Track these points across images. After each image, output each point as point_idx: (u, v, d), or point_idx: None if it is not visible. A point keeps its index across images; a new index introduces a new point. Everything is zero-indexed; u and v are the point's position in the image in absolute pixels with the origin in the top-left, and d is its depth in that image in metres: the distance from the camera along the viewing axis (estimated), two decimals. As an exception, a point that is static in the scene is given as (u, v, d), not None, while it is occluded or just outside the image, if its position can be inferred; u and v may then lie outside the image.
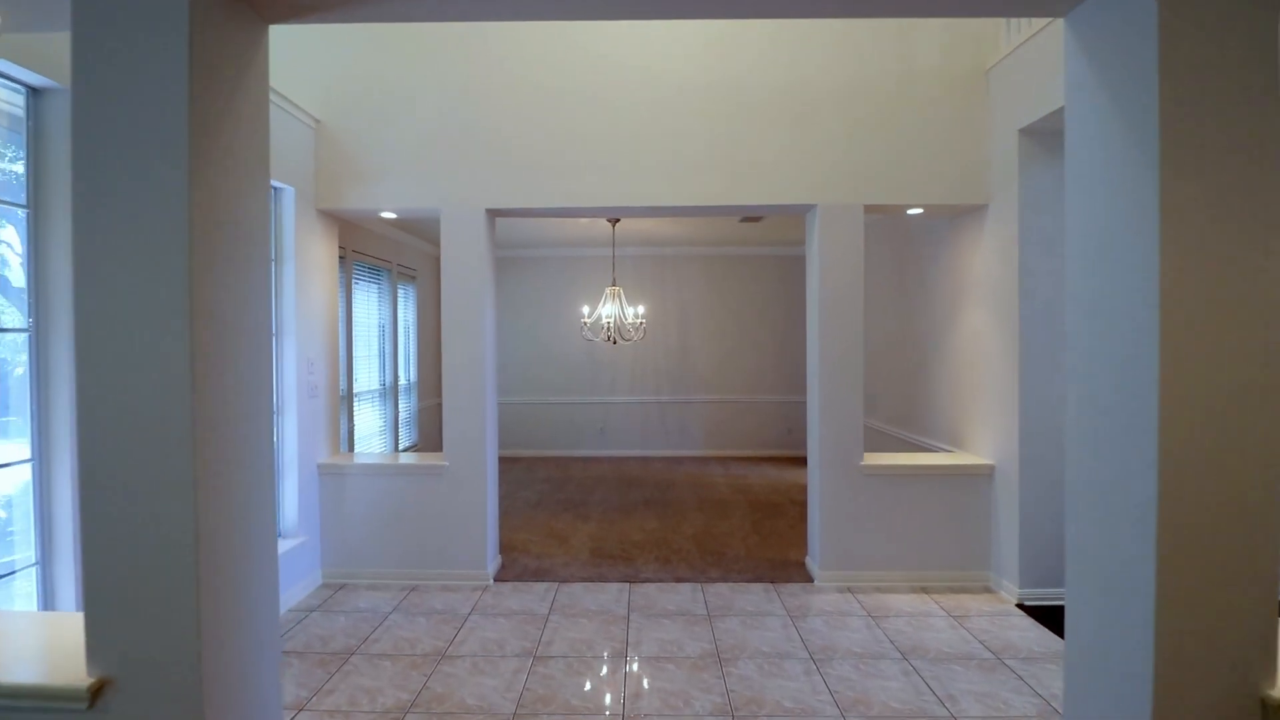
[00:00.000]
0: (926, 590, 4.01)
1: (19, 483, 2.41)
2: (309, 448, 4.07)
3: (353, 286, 5.95)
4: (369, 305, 6.42)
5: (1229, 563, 1.46)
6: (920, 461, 4.19)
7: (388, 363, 6.85)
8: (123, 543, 1.50)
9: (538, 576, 4.26)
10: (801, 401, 8.61)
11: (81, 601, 1.92)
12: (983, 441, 4.19)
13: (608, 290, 6.78)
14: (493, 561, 4.29)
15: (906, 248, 5.48)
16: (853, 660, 3.14)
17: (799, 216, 6.57)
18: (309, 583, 4.04)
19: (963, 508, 4.10)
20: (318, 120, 4.10)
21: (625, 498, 6.43)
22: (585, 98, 4.09)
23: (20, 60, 2.26)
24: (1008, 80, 3.82)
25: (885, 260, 5.85)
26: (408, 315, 7.46)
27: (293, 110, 3.86)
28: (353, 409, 5.88)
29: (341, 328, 5.70)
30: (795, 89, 4.06)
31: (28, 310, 2.41)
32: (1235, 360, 1.45)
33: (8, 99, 2.38)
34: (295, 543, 3.89)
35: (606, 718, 2.69)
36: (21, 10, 1.79)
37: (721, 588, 4.07)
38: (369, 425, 6.37)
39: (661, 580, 4.19)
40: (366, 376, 6.33)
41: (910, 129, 4.05)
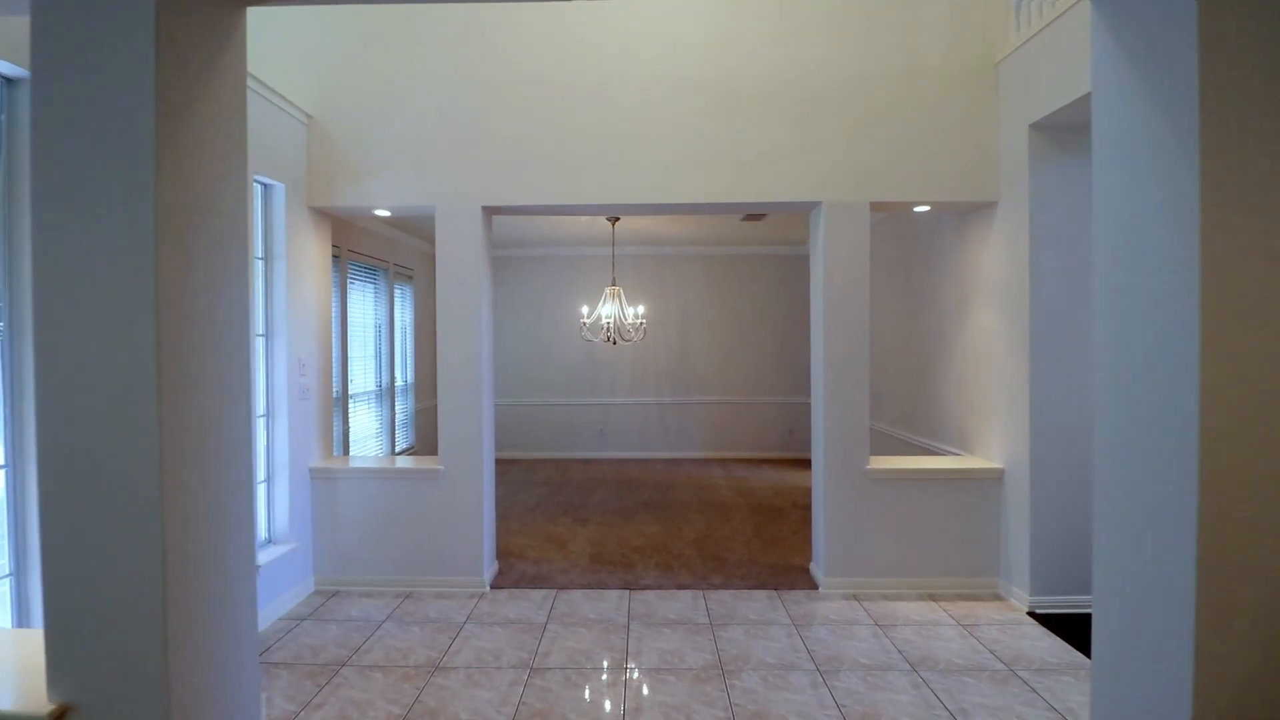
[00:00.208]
0: (934, 598, 3.90)
1: (-8, 490, 2.31)
2: (301, 451, 3.96)
3: (348, 286, 5.85)
4: (365, 305, 6.31)
5: (1273, 568, 1.36)
6: (928, 465, 4.09)
7: (384, 364, 6.74)
8: (84, 557, 1.40)
9: (535, 583, 4.15)
10: (803, 403, 8.51)
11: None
12: (991, 444, 4.09)
13: (607, 290, 6.68)
14: (489, 568, 4.18)
15: (911, 246, 5.38)
16: (860, 672, 3.04)
17: (801, 215, 6.48)
18: (301, 590, 3.94)
19: (971, 513, 3.99)
20: (310, 116, 4.00)
21: (625, 500, 6.32)
22: (584, 92, 3.99)
23: (-9, 48, 2.16)
24: (1018, 73, 3.72)
25: (889, 259, 5.75)
26: (405, 315, 7.36)
27: (284, 105, 3.76)
28: (348, 411, 5.77)
29: (336, 328, 5.61)
30: (799, 82, 3.96)
31: None
32: (1281, 360, 1.35)
33: (-21, 89, 2.28)
34: (286, 549, 3.79)
35: (605, 733, 2.59)
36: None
37: (724, 595, 3.97)
38: (365, 427, 6.26)
39: (662, 587, 4.09)
40: (362, 378, 6.23)
41: (917, 124, 3.95)
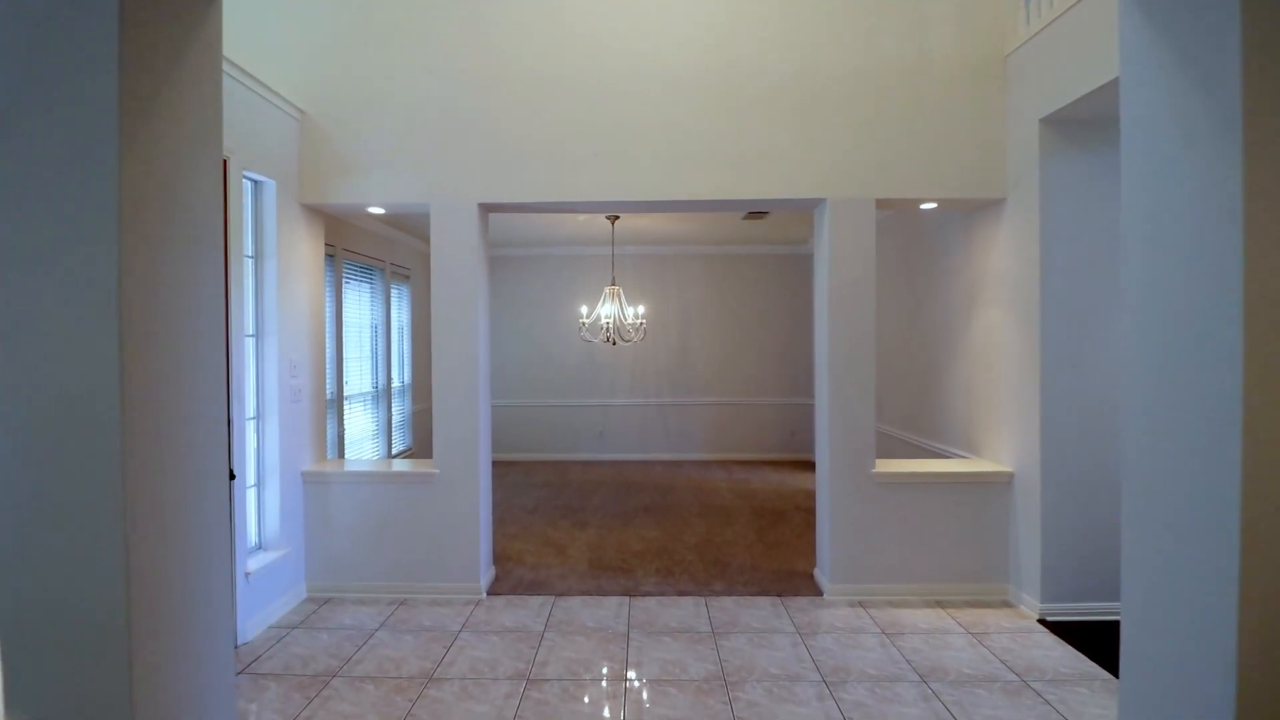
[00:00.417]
0: (942, 604, 3.80)
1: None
2: (292, 454, 3.86)
3: (343, 286, 5.75)
4: (360, 305, 6.21)
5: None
6: (936, 469, 3.99)
7: (380, 365, 6.64)
8: (43, 570, 1.30)
9: (533, 589, 4.05)
10: (805, 404, 8.41)
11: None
12: (1000, 447, 3.99)
13: (607, 290, 6.58)
14: (486, 573, 4.08)
15: (916, 244, 5.28)
16: (868, 683, 2.94)
17: (804, 213, 6.38)
18: (292, 597, 3.84)
19: (980, 517, 3.89)
20: (302, 111, 3.91)
21: (625, 503, 6.22)
22: (583, 86, 3.90)
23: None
24: (1028, 66, 3.63)
25: (892, 257, 5.65)
26: (401, 316, 7.26)
27: (274, 100, 3.66)
28: (342, 413, 5.67)
29: (331, 328, 5.51)
30: (802, 76, 3.86)
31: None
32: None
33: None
34: (277, 555, 3.69)
35: (604, 749, 2.49)
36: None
37: (726, 601, 3.87)
38: (361, 429, 6.16)
39: (663, 594, 3.99)
40: (358, 379, 6.13)
41: (924, 118, 3.85)
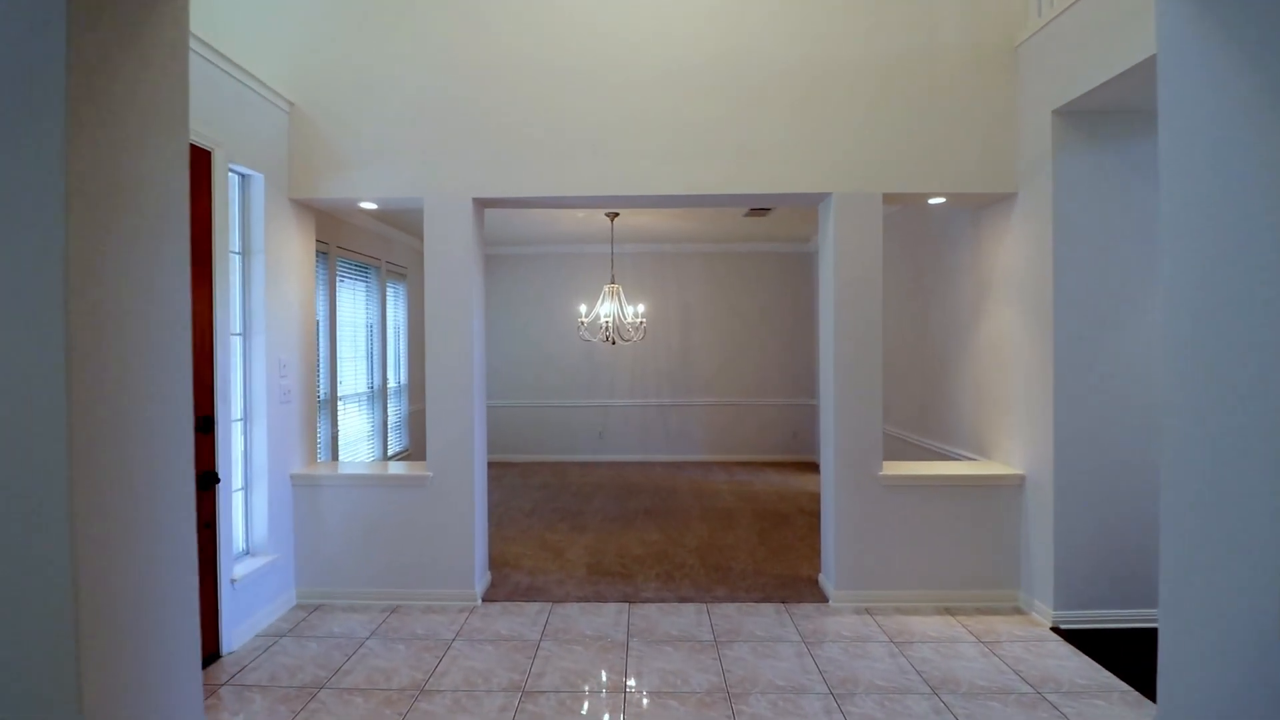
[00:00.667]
0: (951, 611, 3.69)
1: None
2: (281, 457, 3.75)
3: (337, 284, 5.64)
4: (355, 304, 6.10)
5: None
6: (946, 471, 3.87)
7: (376, 364, 6.53)
8: (-15, 594, 1.19)
9: (530, 596, 3.94)
10: (807, 404, 8.30)
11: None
12: (1011, 449, 3.87)
13: (606, 288, 6.47)
14: (481, 579, 3.97)
15: (923, 241, 5.16)
16: (877, 696, 2.82)
17: (806, 211, 6.27)
18: (282, 603, 3.72)
19: (990, 521, 3.78)
20: (291, 103, 3.79)
21: (625, 506, 6.11)
22: (581, 76, 3.78)
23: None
24: (1040, 56, 3.51)
25: (898, 254, 5.54)
26: (398, 315, 7.15)
27: (262, 91, 3.54)
28: (336, 414, 5.56)
29: (325, 328, 5.40)
30: (807, 67, 3.75)
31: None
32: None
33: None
34: (265, 561, 3.57)
35: (602, 767, 2.37)
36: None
37: (729, 608, 3.75)
38: (356, 430, 6.05)
39: (664, 600, 3.87)
40: (353, 379, 6.01)
41: (932, 111, 3.73)
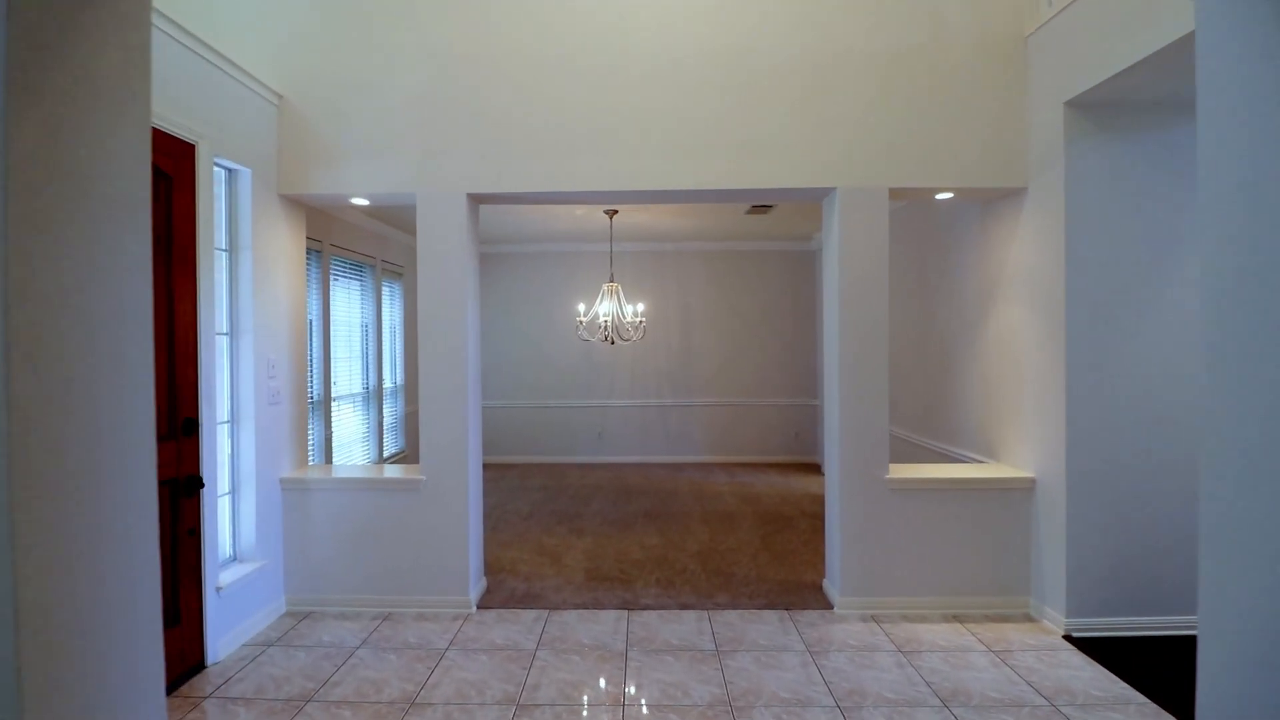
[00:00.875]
0: (960, 619, 3.58)
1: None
2: (270, 461, 3.64)
3: (331, 283, 5.53)
4: (350, 303, 5.99)
5: None
6: (954, 474, 3.76)
7: (371, 365, 6.42)
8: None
9: (526, 603, 3.83)
10: (809, 405, 8.19)
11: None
12: (1020, 451, 3.77)
13: (605, 287, 6.37)
14: (476, 585, 3.86)
15: (928, 237, 5.06)
16: (885, 709, 2.71)
17: (808, 208, 6.16)
18: (271, 611, 3.62)
19: (1000, 525, 3.67)
20: (280, 96, 3.69)
21: (624, 509, 6.00)
22: (579, 68, 3.67)
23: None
24: (1051, 46, 3.40)
25: (903, 251, 5.43)
26: (394, 314, 7.04)
27: (250, 83, 3.44)
28: (329, 415, 5.45)
29: (318, 327, 5.29)
30: (811, 58, 3.64)
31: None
32: None
33: None
34: (253, 567, 3.47)
35: (600, 786, 2.27)
36: None
37: (731, 615, 3.64)
38: (351, 432, 5.94)
39: (664, 607, 3.77)
40: (347, 380, 5.91)
41: (940, 103, 3.63)
